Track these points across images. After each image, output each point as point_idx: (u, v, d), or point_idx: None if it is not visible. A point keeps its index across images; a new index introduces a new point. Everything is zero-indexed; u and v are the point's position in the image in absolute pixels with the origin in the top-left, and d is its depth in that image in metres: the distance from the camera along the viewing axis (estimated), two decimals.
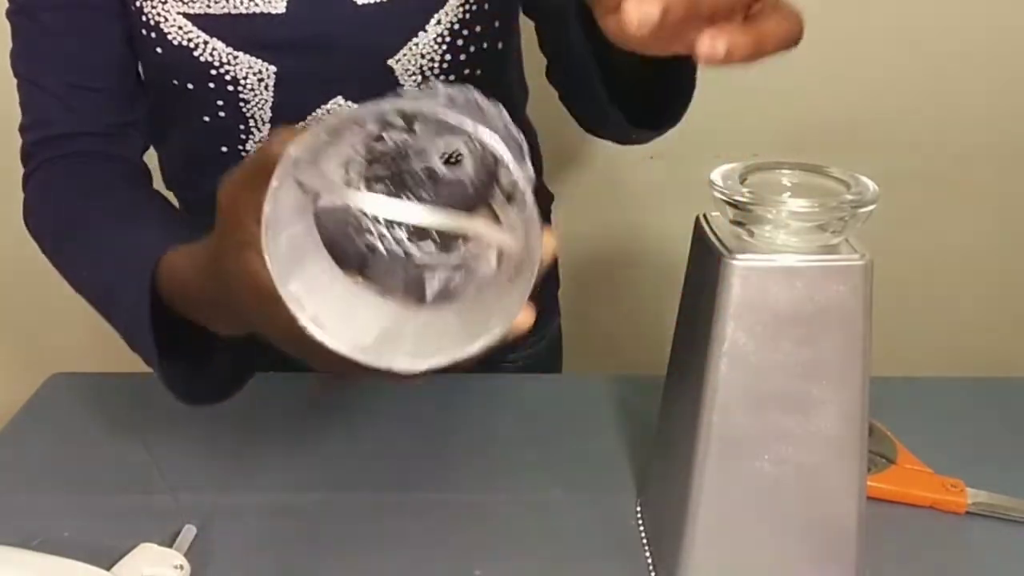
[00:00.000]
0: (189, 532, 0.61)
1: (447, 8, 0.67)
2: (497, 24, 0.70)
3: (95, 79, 0.70)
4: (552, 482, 0.68)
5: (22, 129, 0.71)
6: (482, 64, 0.71)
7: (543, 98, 0.88)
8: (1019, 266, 1.31)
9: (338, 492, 0.67)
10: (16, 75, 0.70)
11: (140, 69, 0.72)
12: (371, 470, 0.69)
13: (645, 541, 0.62)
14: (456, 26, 0.67)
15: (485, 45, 0.69)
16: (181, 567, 0.57)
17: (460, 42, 0.68)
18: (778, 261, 0.50)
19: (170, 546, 0.59)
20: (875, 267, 0.50)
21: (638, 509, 0.65)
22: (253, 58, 0.67)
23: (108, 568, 0.56)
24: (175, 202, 0.80)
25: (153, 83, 0.72)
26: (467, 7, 0.67)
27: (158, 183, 0.77)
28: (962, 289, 1.34)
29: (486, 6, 0.68)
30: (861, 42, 1.16)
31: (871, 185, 0.51)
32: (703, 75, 1.03)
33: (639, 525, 0.64)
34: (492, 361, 0.90)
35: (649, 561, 0.61)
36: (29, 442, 0.73)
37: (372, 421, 0.75)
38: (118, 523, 0.63)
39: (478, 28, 0.68)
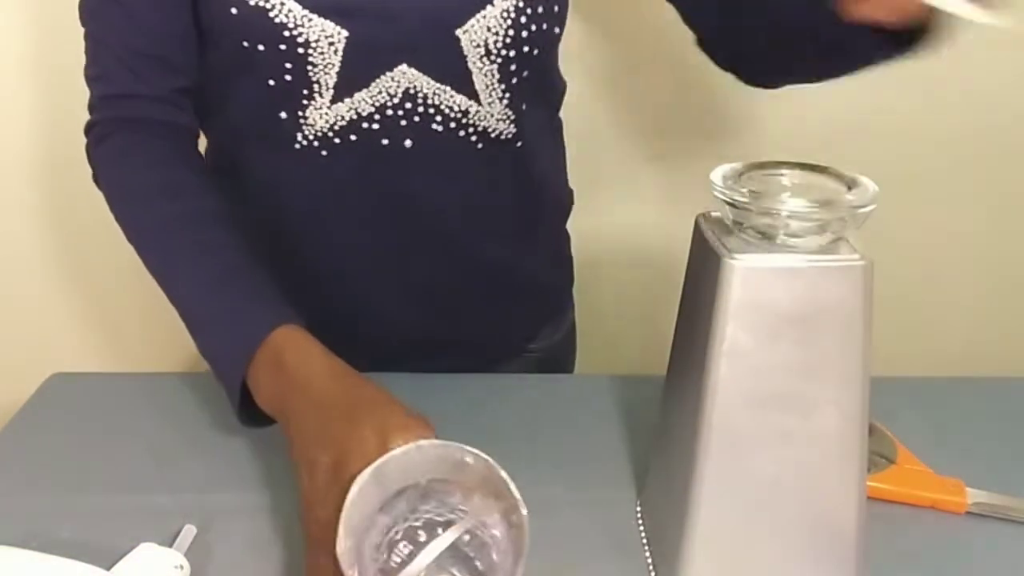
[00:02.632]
0: (189, 532, 0.61)
1: None
2: (556, 9, 0.74)
3: (157, 46, 0.72)
4: (552, 481, 0.68)
5: (88, 78, 0.74)
6: (540, 45, 0.74)
7: None
8: (1019, 266, 1.30)
9: None
10: (83, 24, 0.72)
11: (206, 31, 0.72)
12: None
13: (645, 541, 0.62)
14: (521, 4, 0.70)
15: (544, 26, 0.73)
16: (181, 567, 0.57)
17: (523, 19, 0.71)
18: (778, 261, 0.50)
19: (170, 546, 0.59)
20: (875, 267, 0.50)
21: (638, 509, 0.65)
22: (327, 21, 0.68)
23: (108, 568, 0.56)
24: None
25: (219, 44, 0.72)
26: None
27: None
28: (962, 289, 1.33)
29: None
30: None
31: (871, 185, 0.51)
32: (701, 78, 1.03)
33: (639, 525, 0.64)
34: (515, 351, 0.91)
35: (649, 561, 0.61)
36: (29, 442, 0.73)
37: None
38: (118, 523, 0.63)
39: (540, 9, 0.71)
